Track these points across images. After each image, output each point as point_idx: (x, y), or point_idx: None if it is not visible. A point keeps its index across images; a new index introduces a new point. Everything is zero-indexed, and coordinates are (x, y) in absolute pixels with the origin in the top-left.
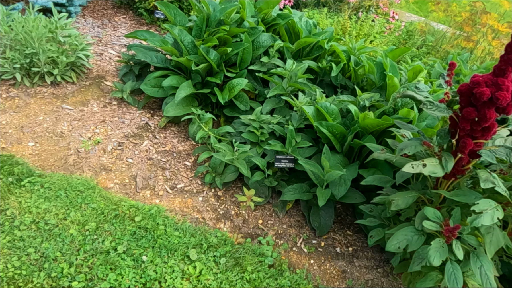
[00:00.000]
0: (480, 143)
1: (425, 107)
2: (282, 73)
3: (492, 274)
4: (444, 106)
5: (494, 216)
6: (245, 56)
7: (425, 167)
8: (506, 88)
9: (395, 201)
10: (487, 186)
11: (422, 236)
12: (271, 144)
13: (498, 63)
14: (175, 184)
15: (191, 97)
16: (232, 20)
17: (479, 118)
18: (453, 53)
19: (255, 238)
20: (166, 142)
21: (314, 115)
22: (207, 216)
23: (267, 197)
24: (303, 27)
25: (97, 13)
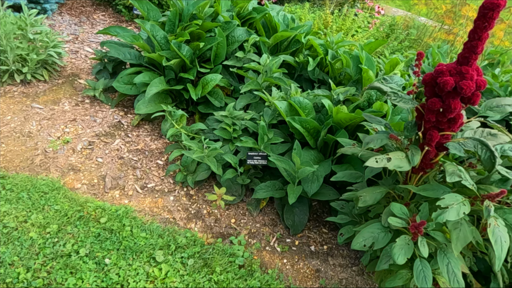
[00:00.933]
0: (448, 135)
1: (389, 98)
2: (256, 67)
3: (459, 271)
4: (409, 97)
5: (460, 211)
6: (219, 51)
7: (390, 161)
8: (470, 77)
9: (363, 197)
10: (453, 179)
11: (388, 233)
12: (243, 140)
13: (462, 50)
14: (145, 184)
15: (164, 94)
16: (206, 14)
17: (444, 109)
18: (433, 46)
19: (227, 237)
20: (138, 140)
21: (287, 110)
22: (177, 216)
23: (240, 195)
24: (281, 21)
25: (75, 10)
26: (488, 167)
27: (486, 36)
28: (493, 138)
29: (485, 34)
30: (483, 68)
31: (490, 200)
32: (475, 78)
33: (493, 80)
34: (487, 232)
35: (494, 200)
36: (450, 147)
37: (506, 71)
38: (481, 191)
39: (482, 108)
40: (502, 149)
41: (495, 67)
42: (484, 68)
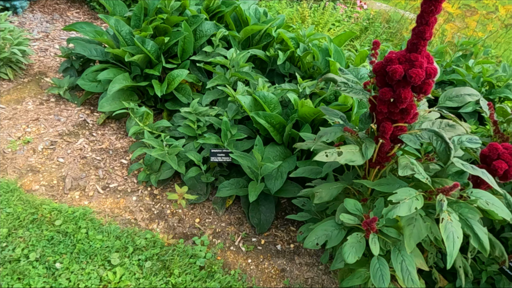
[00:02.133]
0: (404, 127)
1: (339, 89)
2: (223, 62)
3: (414, 269)
4: (360, 87)
5: (412, 206)
6: (187, 46)
7: (340, 155)
8: (420, 65)
9: (319, 193)
10: (405, 173)
11: (342, 230)
12: (206, 137)
13: (410, 37)
14: (108, 184)
15: (130, 91)
16: (173, 8)
17: (395, 99)
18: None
19: (190, 238)
20: (103, 139)
21: (251, 106)
22: (139, 216)
23: (205, 194)
24: (252, 15)
25: (48, 8)
26: (443, 159)
27: (433, 20)
28: (451, 129)
29: (432, 19)
30: (456, 59)
31: (445, 194)
32: (425, 66)
33: (467, 72)
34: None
35: (448, 194)
36: (405, 139)
37: (479, 62)
38: (437, 185)
39: (441, 98)
40: (460, 140)
41: (468, 58)
42: (457, 59)
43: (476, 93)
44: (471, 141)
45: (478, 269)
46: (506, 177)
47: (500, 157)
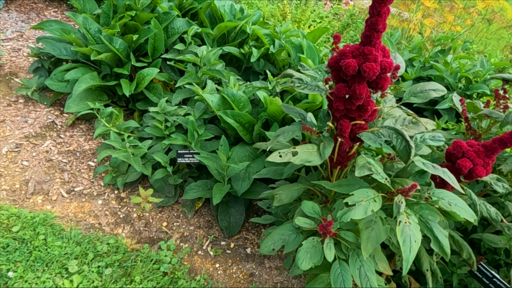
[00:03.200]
0: (363, 125)
1: (293, 85)
2: (193, 60)
3: (373, 274)
4: (315, 83)
5: (368, 209)
6: (157, 44)
7: (296, 155)
8: (374, 58)
9: (278, 195)
10: (362, 173)
11: (300, 235)
12: (172, 138)
13: (364, 29)
14: (73, 187)
15: (99, 90)
16: (143, 5)
17: (350, 95)
18: (384, 34)
19: (156, 242)
20: (71, 141)
21: (219, 104)
22: (104, 221)
23: (174, 196)
24: (227, 12)
25: (25, 7)
26: (404, 158)
27: (386, 10)
28: (415, 126)
29: (385, 9)
30: (434, 55)
31: (404, 195)
32: (379, 60)
33: (445, 67)
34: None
35: (407, 195)
36: (364, 138)
37: (458, 57)
38: (397, 185)
39: (406, 94)
40: (422, 138)
41: (446, 54)
42: (435, 55)
43: (442, 89)
44: (434, 138)
45: (449, 271)
46: (471, 176)
47: (465, 155)
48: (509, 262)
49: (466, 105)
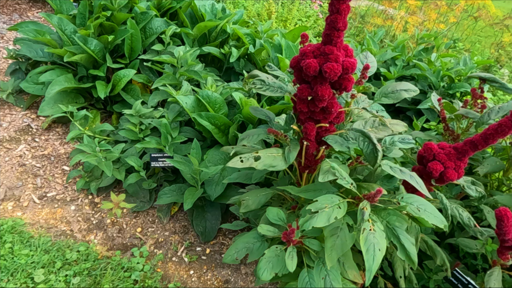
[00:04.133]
0: (329, 127)
1: (254, 87)
2: (169, 61)
3: (339, 283)
4: (278, 84)
5: (331, 216)
6: (135, 45)
7: (258, 160)
8: (335, 58)
9: (245, 201)
10: (326, 179)
11: (265, 242)
12: (145, 141)
13: (324, 28)
14: (45, 193)
15: (74, 93)
16: (120, 5)
17: (313, 97)
18: (366, 32)
19: (130, 249)
20: (46, 145)
21: (194, 106)
22: (76, 227)
23: (149, 201)
24: (208, 11)
25: (8, 8)
26: (371, 162)
27: (345, 8)
28: (385, 128)
29: (344, 6)
30: (417, 53)
31: (370, 201)
32: (341, 60)
33: (428, 66)
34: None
35: (373, 200)
36: (329, 141)
37: (441, 55)
38: (364, 190)
39: (377, 95)
40: (392, 140)
41: (430, 52)
42: (418, 53)
43: (414, 89)
44: (404, 141)
45: (426, 277)
46: (442, 180)
47: (436, 158)
48: (486, 268)
49: (443, 105)
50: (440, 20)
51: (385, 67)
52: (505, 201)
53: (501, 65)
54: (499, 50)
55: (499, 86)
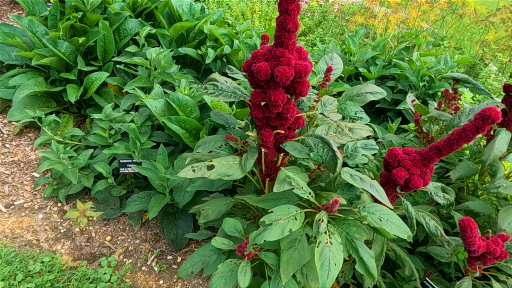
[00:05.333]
0: (288, 133)
1: (206, 92)
2: (140, 63)
3: None
4: (232, 89)
5: (285, 229)
6: (108, 47)
7: (212, 169)
8: (287, 61)
9: (205, 211)
10: (281, 189)
11: (222, 255)
12: (114, 146)
13: (275, 29)
14: (12, 201)
15: (45, 97)
16: (93, 6)
17: (267, 102)
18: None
19: (98, 258)
20: (17, 151)
21: (164, 110)
22: (43, 236)
23: (119, 208)
24: (186, 11)
25: None
26: (331, 169)
27: (294, 8)
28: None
29: (293, 6)
30: (398, 52)
31: (328, 211)
32: (293, 63)
33: (409, 65)
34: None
35: (331, 211)
36: (288, 148)
37: (423, 54)
38: (323, 200)
39: (342, 98)
40: (354, 146)
41: (411, 51)
42: (399, 52)
43: (380, 91)
44: (366, 147)
45: (397, 286)
46: (408, 187)
47: (401, 164)
48: (460, 276)
49: (415, 106)
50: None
51: (365, 67)
52: (477, 207)
53: (486, 63)
54: (484, 48)
55: (472, 86)
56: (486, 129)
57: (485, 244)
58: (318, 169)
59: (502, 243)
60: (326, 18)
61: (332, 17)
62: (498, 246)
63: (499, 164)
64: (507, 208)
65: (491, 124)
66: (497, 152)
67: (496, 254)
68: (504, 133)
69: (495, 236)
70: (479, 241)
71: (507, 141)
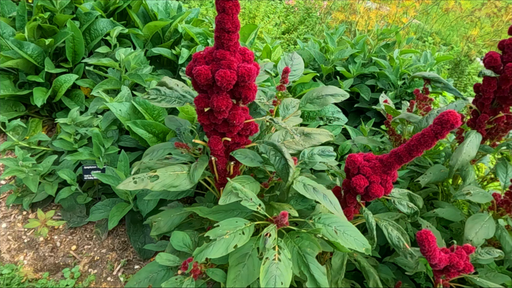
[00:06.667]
0: (241, 140)
1: (148, 98)
2: (108, 64)
3: None
4: (176, 94)
5: (230, 244)
6: (78, 48)
7: (155, 180)
8: (228, 64)
9: (157, 222)
10: (227, 201)
11: (170, 271)
12: (78, 152)
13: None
14: None
15: (12, 100)
16: (62, 6)
17: (211, 108)
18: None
19: (61, 269)
20: None
21: (130, 113)
22: (5, 247)
23: (86, 216)
24: (161, 10)
25: None
26: (284, 178)
27: (232, 6)
28: (306, 139)
29: (230, 4)
30: (378, 50)
31: (278, 225)
32: (235, 65)
33: (390, 63)
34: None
35: (282, 224)
36: (238, 156)
37: (403, 51)
38: (275, 211)
39: (302, 101)
40: (311, 153)
41: (391, 48)
42: (379, 50)
43: (342, 93)
44: (323, 153)
45: None
46: (368, 196)
47: (360, 172)
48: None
49: (385, 107)
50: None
51: (345, 65)
52: (446, 214)
53: (472, 59)
54: (468, 44)
55: (443, 86)
56: (445, 134)
57: (448, 257)
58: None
59: (467, 255)
60: (311, 15)
61: (316, 14)
62: (461, 259)
63: (469, 168)
64: (475, 216)
65: (450, 129)
66: (466, 156)
67: (460, 268)
68: (473, 136)
69: (460, 247)
70: (440, 254)
71: (477, 144)
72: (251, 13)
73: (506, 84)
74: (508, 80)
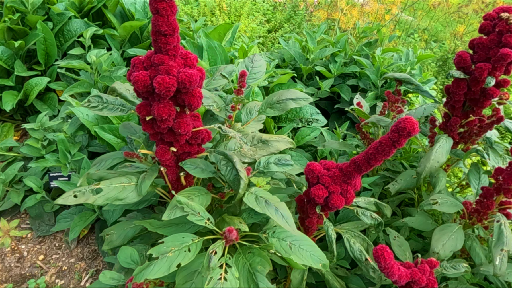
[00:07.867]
0: (192, 149)
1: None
2: (79, 66)
3: None
4: (120, 101)
5: (173, 263)
6: (50, 50)
7: (98, 193)
8: (167, 70)
9: (110, 235)
10: (171, 216)
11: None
12: (43, 159)
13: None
14: None
15: None
16: (34, 6)
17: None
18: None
19: (26, 281)
20: None
21: (98, 118)
22: None
23: (54, 224)
24: (138, 9)
25: None
26: (235, 190)
27: (166, 7)
28: (264, 146)
29: (164, 4)
30: (360, 48)
31: (227, 241)
32: (175, 71)
33: (372, 62)
34: None
35: (230, 240)
36: (187, 167)
37: (385, 49)
38: (226, 225)
39: (262, 106)
40: (267, 162)
41: (373, 47)
42: (361, 48)
43: (304, 97)
44: (280, 162)
45: None
46: (328, 207)
47: (320, 181)
48: None
49: (355, 110)
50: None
51: (325, 65)
52: (416, 224)
53: None
54: (455, 41)
55: (414, 88)
56: (403, 143)
57: (410, 273)
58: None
59: (430, 270)
60: (297, 13)
61: (303, 12)
62: (424, 275)
63: (440, 175)
64: (443, 227)
65: (407, 137)
66: (434, 163)
67: (422, 284)
68: (443, 141)
69: (424, 261)
70: (400, 271)
71: (447, 150)
72: (237, 12)
73: (476, 86)
74: (478, 81)
